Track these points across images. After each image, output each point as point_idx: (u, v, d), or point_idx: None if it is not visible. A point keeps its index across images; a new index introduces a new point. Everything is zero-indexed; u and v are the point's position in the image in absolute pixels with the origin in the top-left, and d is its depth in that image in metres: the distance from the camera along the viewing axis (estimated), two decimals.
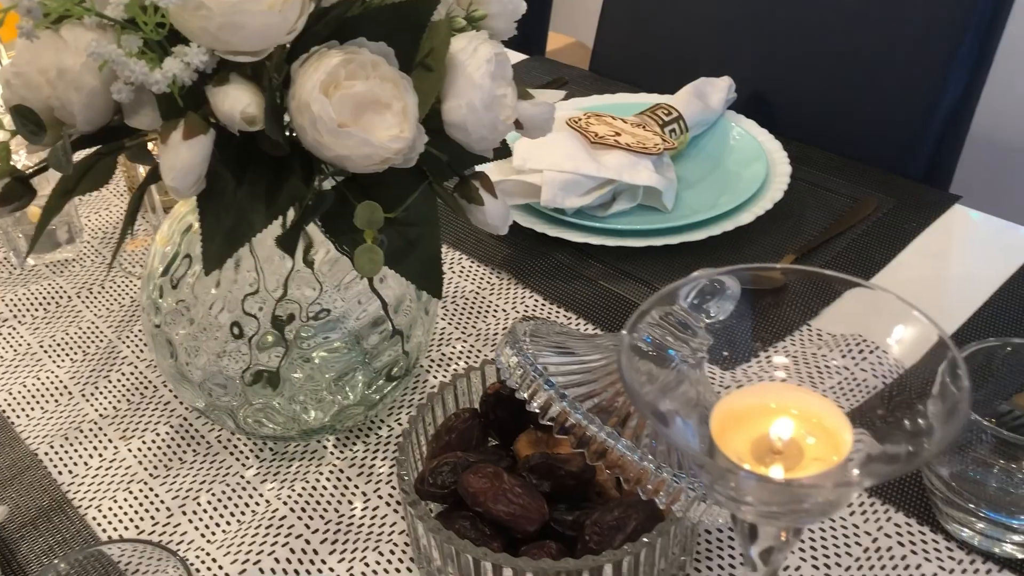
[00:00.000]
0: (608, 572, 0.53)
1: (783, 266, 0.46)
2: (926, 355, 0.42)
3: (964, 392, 0.34)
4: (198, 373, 0.62)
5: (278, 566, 0.60)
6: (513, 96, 0.57)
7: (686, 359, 0.57)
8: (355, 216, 0.50)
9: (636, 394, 0.35)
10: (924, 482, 0.60)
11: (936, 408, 0.36)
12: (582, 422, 0.53)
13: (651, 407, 0.35)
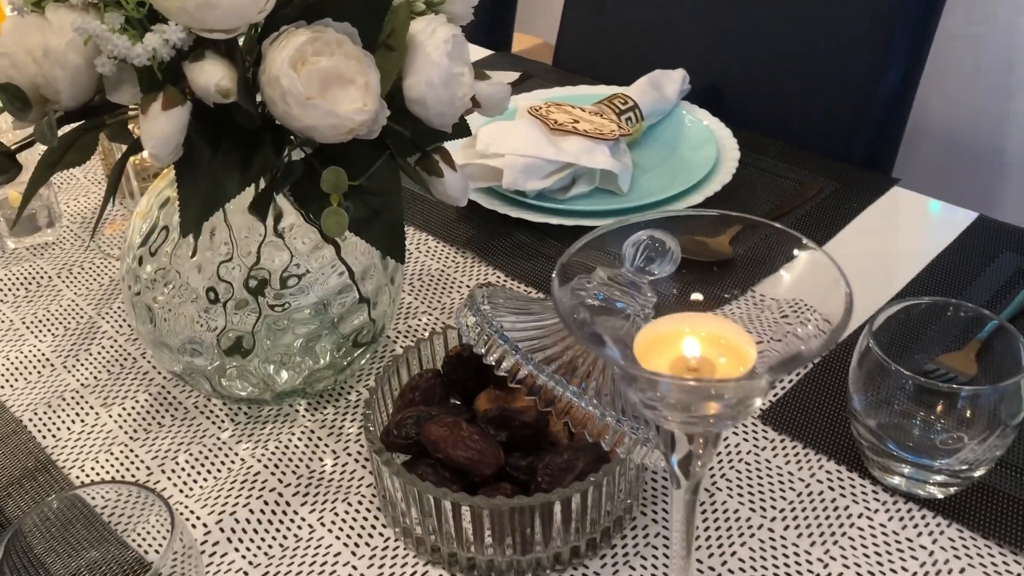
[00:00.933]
0: (558, 511, 0.57)
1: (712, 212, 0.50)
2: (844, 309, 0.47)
3: (848, 298, 0.39)
4: (176, 338, 0.66)
5: (252, 516, 0.64)
6: (470, 75, 0.62)
7: (636, 314, 0.62)
8: (322, 180, 0.54)
9: (567, 313, 0.39)
10: (853, 433, 0.65)
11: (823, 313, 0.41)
12: (533, 372, 0.58)
13: (583, 325, 0.40)
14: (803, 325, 0.40)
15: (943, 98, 1.55)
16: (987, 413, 0.58)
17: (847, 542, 0.60)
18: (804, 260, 0.44)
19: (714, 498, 0.64)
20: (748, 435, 0.68)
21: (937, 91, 1.49)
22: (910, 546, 0.60)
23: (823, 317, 0.39)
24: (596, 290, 0.59)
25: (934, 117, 1.56)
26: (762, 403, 0.38)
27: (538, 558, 0.59)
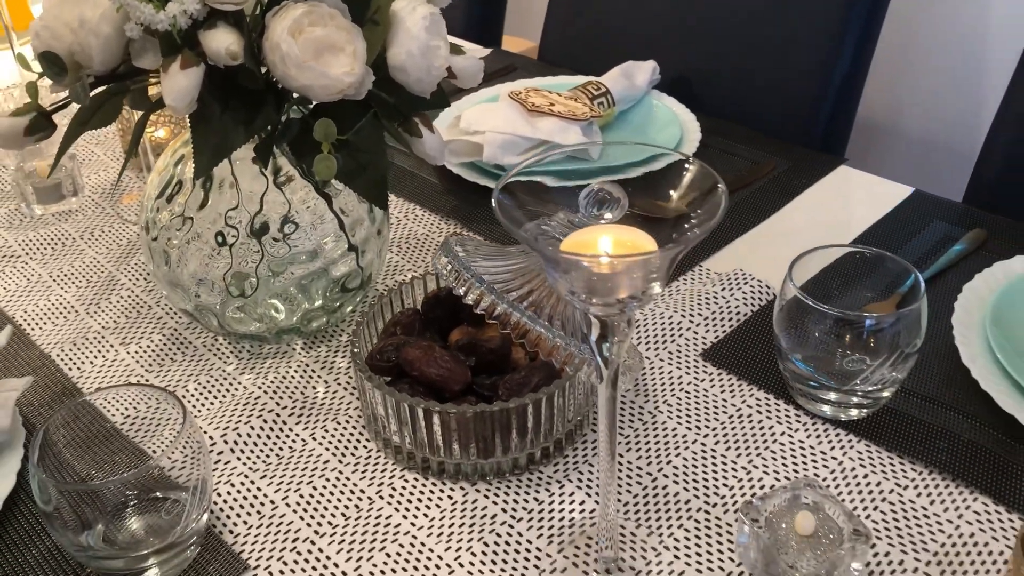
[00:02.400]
0: (515, 419, 0.66)
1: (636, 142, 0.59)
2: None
3: (723, 193, 0.48)
4: (188, 277, 0.76)
5: (252, 432, 0.73)
6: (446, 48, 0.71)
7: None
8: (314, 130, 0.64)
9: (507, 213, 0.48)
10: (780, 368, 0.74)
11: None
12: (496, 301, 0.67)
13: (519, 224, 0.48)
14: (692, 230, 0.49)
15: (891, 86, 1.75)
16: (889, 340, 0.67)
17: (768, 455, 0.69)
18: (693, 176, 0.52)
19: (655, 419, 0.73)
20: (690, 370, 0.77)
21: (886, 80, 1.73)
22: (823, 458, 0.69)
23: (707, 218, 0.48)
24: (556, 230, 0.69)
25: (882, 103, 1.73)
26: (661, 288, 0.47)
27: (499, 463, 0.68)
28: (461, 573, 0.62)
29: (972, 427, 0.70)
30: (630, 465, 0.69)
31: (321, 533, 0.65)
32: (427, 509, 0.66)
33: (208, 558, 0.63)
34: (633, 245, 0.48)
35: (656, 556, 0.62)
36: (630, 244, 0.48)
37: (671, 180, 0.55)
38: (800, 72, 1.16)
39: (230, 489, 0.69)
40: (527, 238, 0.47)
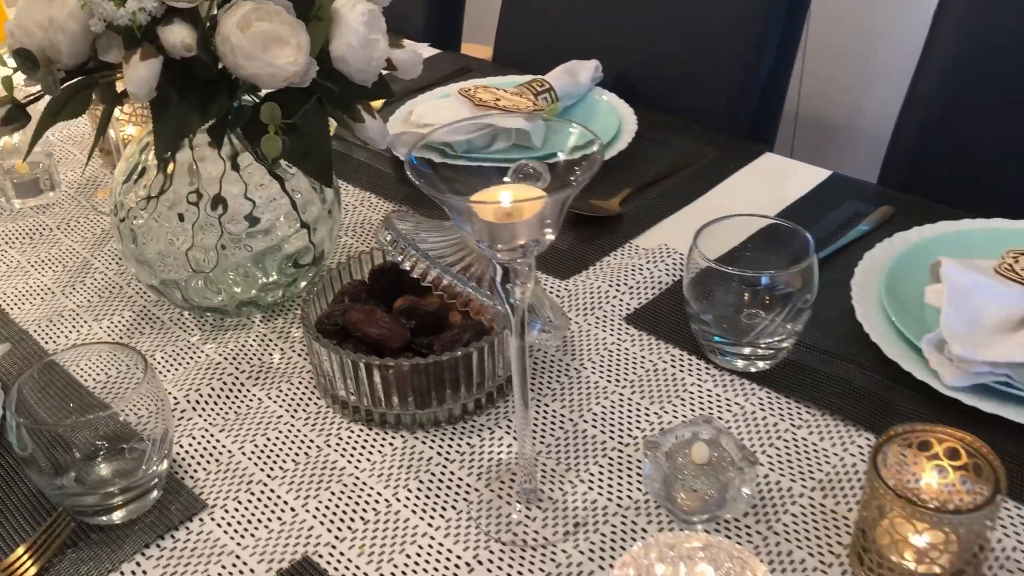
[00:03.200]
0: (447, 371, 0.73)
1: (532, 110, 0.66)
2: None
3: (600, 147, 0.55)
4: (153, 255, 0.83)
5: (213, 392, 0.80)
6: (384, 41, 0.79)
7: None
8: (261, 113, 0.71)
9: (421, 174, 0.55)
10: (692, 326, 0.81)
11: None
12: (429, 266, 0.74)
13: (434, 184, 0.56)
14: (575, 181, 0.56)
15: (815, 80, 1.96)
16: (782, 296, 0.75)
17: (679, 401, 0.77)
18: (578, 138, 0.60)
19: (580, 374, 0.80)
20: (614, 332, 0.85)
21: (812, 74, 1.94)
22: (728, 404, 0.76)
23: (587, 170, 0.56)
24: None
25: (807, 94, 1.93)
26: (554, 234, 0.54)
27: (435, 413, 0.75)
28: (397, 507, 0.69)
29: (862, 375, 0.77)
30: (554, 413, 0.76)
31: (273, 476, 0.72)
32: (369, 455, 0.74)
33: (171, 499, 0.70)
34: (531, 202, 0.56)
35: (572, 488, 0.70)
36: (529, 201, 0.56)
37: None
38: (729, 69, 1.24)
39: (191, 441, 0.76)
40: (437, 192, 0.54)
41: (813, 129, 2.10)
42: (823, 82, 2.02)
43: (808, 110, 2.17)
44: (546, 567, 0.64)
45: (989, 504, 0.54)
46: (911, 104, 1.12)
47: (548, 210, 0.54)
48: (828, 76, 1.99)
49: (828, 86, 2.00)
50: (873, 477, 0.57)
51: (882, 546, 0.58)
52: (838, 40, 1.94)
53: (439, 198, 0.54)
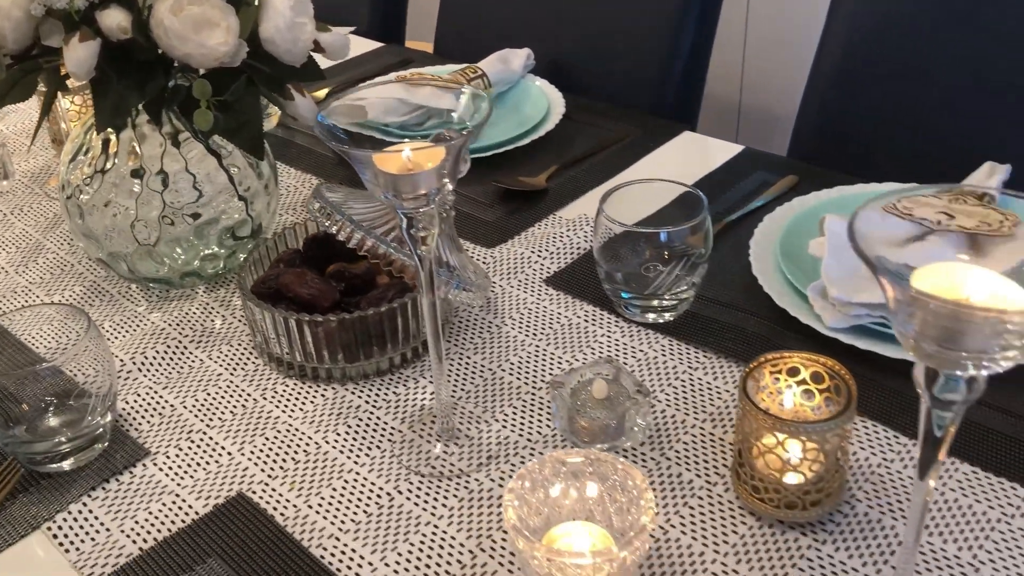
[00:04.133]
0: (373, 326, 0.79)
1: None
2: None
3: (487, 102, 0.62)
4: (100, 229, 0.88)
5: (157, 355, 0.86)
6: (311, 25, 0.85)
7: (442, 205, 0.85)
8: (193, 89, 0.77)
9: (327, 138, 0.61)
10: (604, 286, 0.88)
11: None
12: (355, 231, 0.80)
13: (342, 142, 0.62)
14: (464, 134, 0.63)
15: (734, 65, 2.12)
16: (680, 250, 0.82)
17: (588, 351, 0.83)
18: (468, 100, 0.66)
19: (500, 330, 0.87)
20: (534, 292, 0.91)
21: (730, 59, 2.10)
22: (632, 351, 0.83)
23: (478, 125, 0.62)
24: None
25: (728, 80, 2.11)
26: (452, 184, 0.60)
27: (363, 367, 0.81)
28: (326, 448, 0.75)
29: (756, 322, 0.85)
30: (475, 364, 0.83)
31: (212, 426, 0.78)
32: (302, 405, 0.80)
33: (116, 448, 0.76)
34: (427, 153, 0.62)
35: (487, 427, 0.76)
36: (426, 152, 0.62)
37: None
38: (650, 55, 1.32)
39: (136, 398, 0.81)
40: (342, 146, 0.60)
41: (758, 119, 2.21)
42: (764, 75, 2.12)
43: (751, 101, 2.27)
44: (460, 494, 0.70)
45: (841, 416, 0.61)
46: (814, 82, 1.20)
47: (445, 162, 0.61)
48: (768, 68, 2.09)
49: (769, 78, 2.10)
50: (743, 398, 0.64)
51: (754, 460, 0.65)
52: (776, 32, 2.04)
53: (344, 151, 0.60)
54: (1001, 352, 0.42)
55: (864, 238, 0.43)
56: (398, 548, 0.66)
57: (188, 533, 0.68)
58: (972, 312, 0.41)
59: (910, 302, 0.42)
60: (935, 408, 0.45)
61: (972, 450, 0.70)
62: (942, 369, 0.43)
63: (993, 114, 1.08)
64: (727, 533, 0.66)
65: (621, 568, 0.57)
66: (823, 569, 0.63)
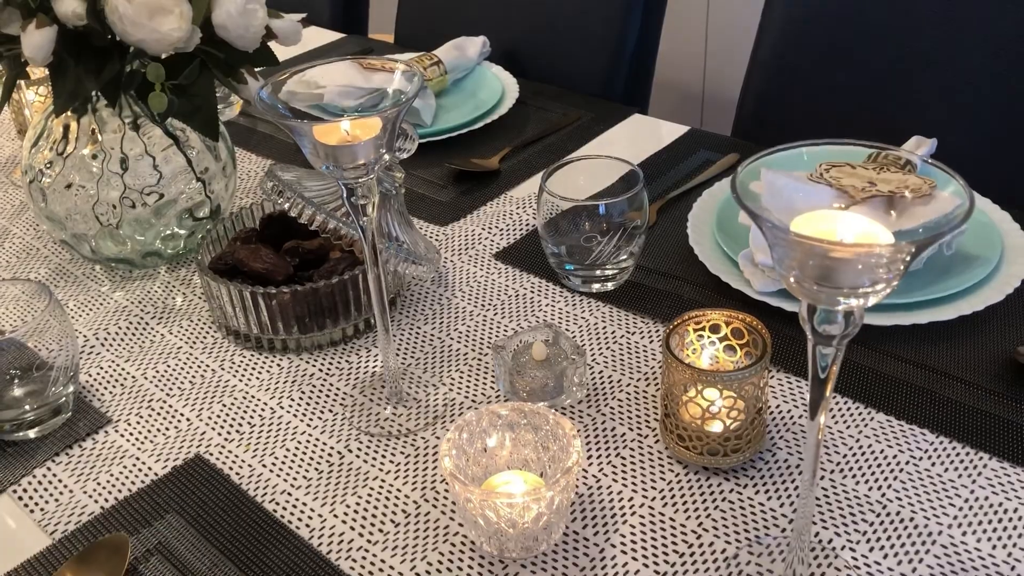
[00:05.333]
0: (325, 297, 0.83)
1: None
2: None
3: (419, 79, 0.65)
4: (62, 211, 0.91)
5: (119, 331, 0.89)
6: (263, 11, 0.88)
7: (387, 189, 0.89)
8: (147, 72, 0.80)
9: (272, 113, 0.65)
10: (549, 260, 0.92)
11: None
12: (307, 208, 0.84)
13: (285, 117, 0.66)
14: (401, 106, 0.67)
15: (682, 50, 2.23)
16: (617, 221, 0.86)
17: (533, 319, 0.87)
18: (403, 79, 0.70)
19: (451, 302, 0.90)
20: (483, 266, 0.95)
21: (679, 44, 2.17)
22: (575, 318, 0.87)
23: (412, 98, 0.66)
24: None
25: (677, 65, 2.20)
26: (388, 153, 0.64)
27: (317, 339, 0.85)
28: (280, 412, 0.79)
29: (692, 290, 0.89)
30: (425, 333, 0.87)
31: (172, 395, 0.81)
32: (258, 374, 0.83)
33: (79, 417, 0.79)
34: (363, 124, 0.66)
35: (435, 391, 0.80)
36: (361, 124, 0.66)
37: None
38: (600, 41, 1.36)
39: (99, 371, 0.85)
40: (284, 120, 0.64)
41: (719, 106, 2.26)
42: (726, 63, 2.17)
43: (713, 88, 2.32)
44: (406, 451, 0.74)
45: (754, 365, 0.66)
46: (752, 70, 1.25)
47: (382, 133, 0.65)
48: (729, 57, 2.14)
49: (730, 66, 2.15)
50: (665, 351, 0.68)
51: (679, 410, 0.69)
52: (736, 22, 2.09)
53: (286, 125, 0.64)
54: (871, 286, 0.46)
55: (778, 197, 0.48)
56: (346, 501, 0.70)
57: (147, 492, 0.72)
58: (841, 248, 0.45)
59: (790, 245, 0.46)
60: (818, 345, 0.50)
61: (886, 401, 0.75)
62: (820, 305, 0.48)
63: (917, 91, 1.13)
64: (655, 480, 0.70)
65: (550, 507, 0.61)
66: (743, 510, 0.67)
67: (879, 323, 0.80)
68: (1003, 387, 0.75)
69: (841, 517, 0.66)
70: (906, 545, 0.64)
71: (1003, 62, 1.09)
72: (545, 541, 0.64)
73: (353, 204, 0.68)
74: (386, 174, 0.91)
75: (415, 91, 0.67)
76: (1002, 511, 0.65)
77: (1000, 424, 0.72)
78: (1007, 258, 0.86)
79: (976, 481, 0.68)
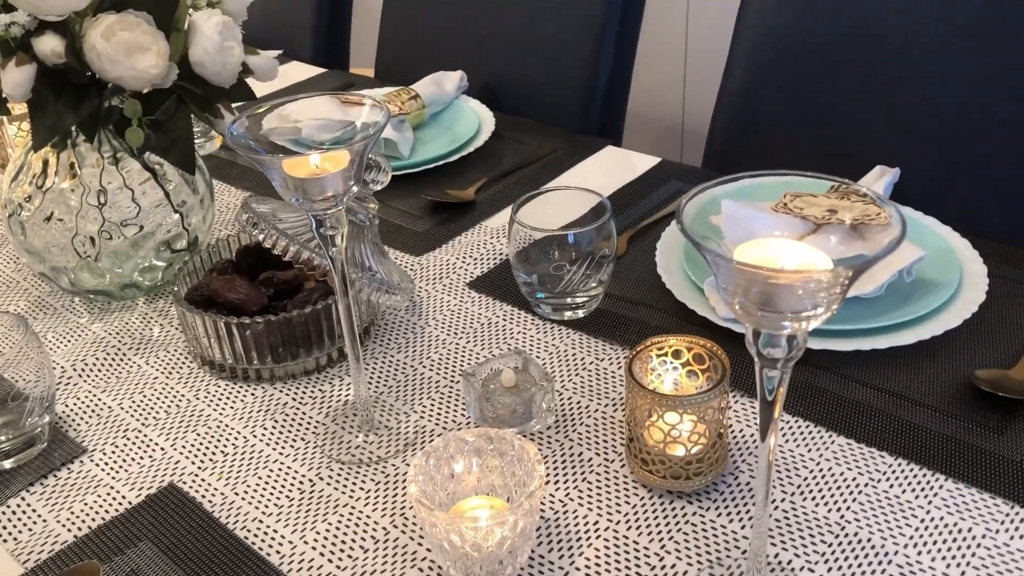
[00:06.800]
0: (299, 327, 0.85)
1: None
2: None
3: (384, 112, 0.67)
4: (41, 244, 0.93)
5: (97, 361, 0.91)
6: (239, 48, 0.91)
7: (362, 220, 0.91)
8: (124, 108, 0.82)
9: (240, 146, 0.67)
10: (521, 289, 0.94)
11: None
12: (281, 239, 0.86)
13: (255, 153, 0.68)
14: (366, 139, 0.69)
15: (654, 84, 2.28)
16: (588, 251, 0.88)
17: (505, 346, 0.89)
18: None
19: (424, 331, 0.92)
20: (457, 295, 0.97)
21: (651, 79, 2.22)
22: (545, 345, 0.89)
23: (377, 132, 0.68)
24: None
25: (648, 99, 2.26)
26: (357, 186, 0.66)
27: (291, 368, 0.87)
28: (253, 441, 0.80)
29: (660, 317, 0.91)
30: (398, 362, 0.88)
31: (147, 424, 0.83)
32: (232, 403, 0.84)
33: (54, 447, 0.80)
34: (331, 157, 0.68)
35: (406, 418, 0.81)
36: (330, 157, 0.68)
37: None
38: (574, 77, 1.40)
39: (76, 401, 0.86)
40: (254, 155, 0.66)
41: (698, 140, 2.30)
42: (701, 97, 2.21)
43: (691, 123, 2.36)
44: (376, 478, 0.75)
45: (713, 389, 0.67)
46: (721, 102, 1.28)
47: (350, 165, 0.67)
48: (706, 92, 2.18)
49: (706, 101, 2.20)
50: (628, 377, 0.70)
51: (643, 434, 0.70)
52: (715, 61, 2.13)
53: (256, 159, 0.66)
54: (813, 311, 0.48)
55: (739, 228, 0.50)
56: (316, 528, 0.71)
57: (121, 521, 0.73)
58: (781, 275, 0.47)
59: (733, 273, 0.48)
60: (764, 368, 0.52)
61: (847, 424, 0.77)
62: (764, 329, 0.50)
63: (880, 122, 1.16)
64: (620, 504, 0.71)
65: (514, 531, 0.63)
66: (704, 532, 0.68)
67: (840, 348, 0.82)
68: (961, 410, 0.77)
69: (800, 538, 0.67)
70: (863, 565, 0.65)
71: (962, 94, 1.12)
72: (511, 565, 0.65)
73: (322, 235, 0.70)
74: (360, 205, 0.93)
75: (383, 123, 0.69)
76: (956, 531, 0.67)
77: (957, 446, 0.74)
78: (965, 284, 0.89)
79: (932, 502, 0.69)
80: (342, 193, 0.68)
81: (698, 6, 2.19)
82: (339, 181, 0.67)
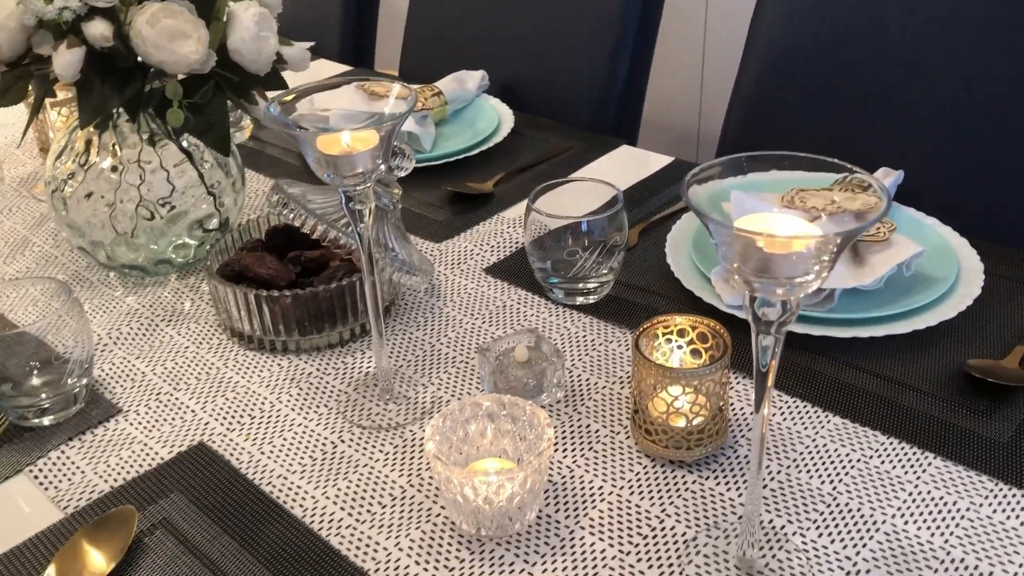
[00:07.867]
0: (324, 302, 0.89)
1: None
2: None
3: (409, 101, 0.72)
4: (82, 220, 0.98)
5: (132, 331, 0.95)
6: (274, 39, 0.96)
7: (386, 205, 0.95)
8: (167, 90, 0.87)
9: (276, 124, 0.71)
10: (536, 274, 0.98)
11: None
12: (310, 219, 0.91)
13: (291, 126, 0.72)
14: (396, 121, 0.73)
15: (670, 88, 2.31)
16: (598, 237, 0.92)
17: (518, 326, 0.93)
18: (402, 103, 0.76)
19: (442, 311, 0.96)
20: (474, 280, 1.01)
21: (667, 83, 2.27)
22: (557, 327, 0.93)
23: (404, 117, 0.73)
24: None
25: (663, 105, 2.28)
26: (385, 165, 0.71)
27: (317, 341, 0.91)
28: (279, 406, 0.84)
29: (667, 304, 0.95)
30: (418, 339, 0.93)
31: (179, 389, 0.87)
32: (259, 372, 0.89)
33: (92, 407, 0.85)
34: (362, 136, 0.72)
35: (424, 390, 0.86)
36: (360, 136, 0.72)
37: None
38: (592, 78, 1.44)
39: (111, 367, 0.91)
40: (291, 130, 0.71)
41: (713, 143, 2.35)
42: (717, 102, 2.26)
43: (707, 128, 2.40)
44: (395, 442, 0.80)
45: (714, 364, 0.71)
46: (733, 104, 1.32)
47: (379, 145, 0.71)
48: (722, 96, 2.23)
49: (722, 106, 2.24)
50: (635, 352, 0.74)
51: (647, 406, 0.74)
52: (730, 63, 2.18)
53: (292, 134, 0.70)
54: (803, 276, 0.52)
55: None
56: (338, 485, 0.76)
57: (154, 474, 0.77)
58: (776, 240, 0.51)
59: (732, 240, 0.52)
60: (760, 333, 0.56)
61: (843, 406, 0.81)
62: (759, 294, 0.54)
63: (886, 125, 1.20)
64: (624, 471, 0.75)
65: (523, 487, 0.67)
66: (703, 498, 0.72)
67: (840, 335, 0.86)
68: (952, 395, 0.81)
69: (795, 507, 0.71)
70: (852, 532, 0.69)
71: (966, 99, 1.15)
72: (519, 521, 0.69)
73: (351, 210, 0.74)
74: (385, 190, 0.98)
75: (409, 107, 0.74)
76: (942, 503, 0.71)
77: (947, 428, 0.77)
78: (962, 279, 0.92)
79: (920, 477, 0.73)
80: (371, 170, 0.72)
81: (716, 15, 2.24)
82: (368, 159, 0.72)
